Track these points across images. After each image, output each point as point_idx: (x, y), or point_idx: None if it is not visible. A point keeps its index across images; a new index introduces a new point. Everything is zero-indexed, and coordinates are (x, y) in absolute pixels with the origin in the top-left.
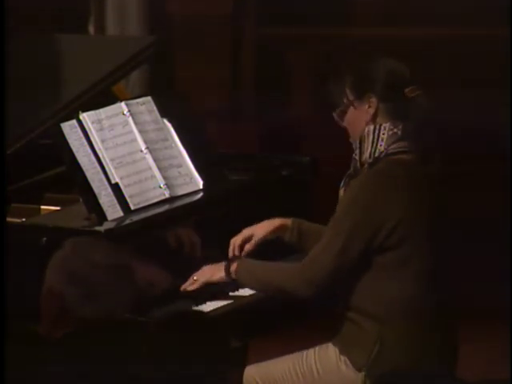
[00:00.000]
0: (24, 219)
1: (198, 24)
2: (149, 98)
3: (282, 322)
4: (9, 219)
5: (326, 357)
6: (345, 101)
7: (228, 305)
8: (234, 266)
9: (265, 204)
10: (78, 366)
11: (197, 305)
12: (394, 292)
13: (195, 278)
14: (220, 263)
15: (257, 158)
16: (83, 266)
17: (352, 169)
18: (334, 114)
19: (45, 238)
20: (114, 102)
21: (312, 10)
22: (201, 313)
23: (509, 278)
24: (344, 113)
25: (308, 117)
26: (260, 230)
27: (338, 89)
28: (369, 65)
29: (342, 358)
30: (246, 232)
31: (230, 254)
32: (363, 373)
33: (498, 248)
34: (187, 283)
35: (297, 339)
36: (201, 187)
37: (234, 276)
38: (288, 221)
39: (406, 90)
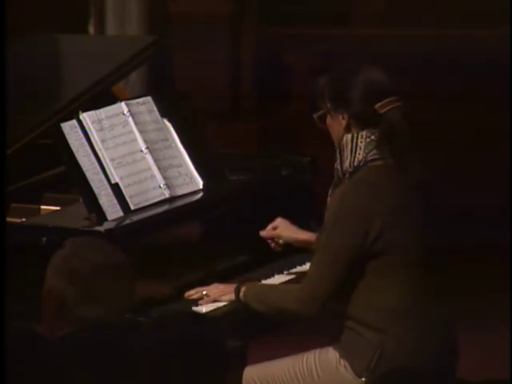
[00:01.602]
0: (24, 219)
1: (198, 24)
2: (149, 98)
3: (282, 323)
4: (9, 219)
5: (326, 360)
6: (323, 106)
7: (228, 305)
8: (242, 290)
9: (265, 204)
10: (78, 366)
11: (196, 305)
12: (390, 299)
13: (205, 292)
14: (231, 284)
15: (257, 158)
16: (83, 266)
17: (336, 178)
18: (314, 116)
19: (45, 238)
20: (114, 102)
21: (312, 10)
22: (200, 313)
23: (508, 278)
24: (323, 117)
25: (308, 117)
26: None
27: (319, 93)
28: (343, 82)
29: (342, 362)
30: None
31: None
32: (363, 379)
33: (494, 242)
34: (193, 292)
35: (297, 340)
36: (201, 187)
37: (242, 299)
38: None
39: (377, 106)
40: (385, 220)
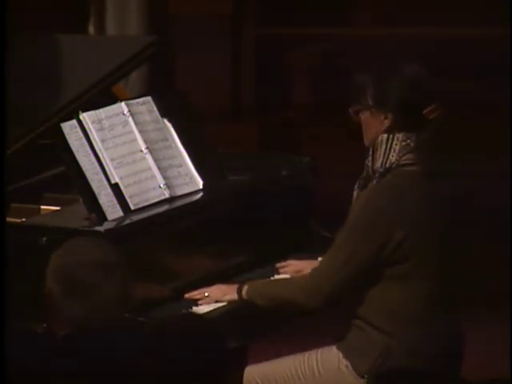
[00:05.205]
0: (24, 219)
1: (198, 24)
2: (149, 98)
3: (282, 323)
4: (9, 219)
5: (328, 359)
6: (363, 101)
7: (228, 305)
8: (244, 289)
9: (265, 204)
10: (78, 366)
11: (197, 305)
12: (402, 304)
13: (206, 293)
14: (233, 285)
15: (257, 158)
16: (83, 266)
17: (365, 173)
18: (351, 110)
19: (45, 238)
20: (114, 102)
21: (312, 10)
22: (200, 313)
23: (509, 278)
24: (360, 112)
25: (308, 117)
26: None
27: (359, 89)
28: (391, 82)
29: (345, 361)
30: (294, 267)
31: None
32: (365, 380)
33: (501, 249)
34: (196, 293)
35: (297, 339)
36: (201, 187)
37: (245, 297)
38: None
39: (425, 111)
40: (406, 231)
